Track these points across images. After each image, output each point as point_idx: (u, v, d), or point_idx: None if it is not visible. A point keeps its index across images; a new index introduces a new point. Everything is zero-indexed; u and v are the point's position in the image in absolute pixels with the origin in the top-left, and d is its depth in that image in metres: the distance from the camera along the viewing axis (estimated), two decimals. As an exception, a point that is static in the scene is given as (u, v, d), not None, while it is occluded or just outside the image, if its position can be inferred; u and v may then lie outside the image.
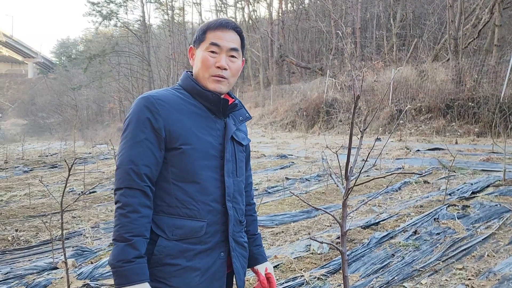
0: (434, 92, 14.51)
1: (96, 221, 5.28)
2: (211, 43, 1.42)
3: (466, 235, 3.97)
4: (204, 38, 1.44)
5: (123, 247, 1.24)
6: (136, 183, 1.29)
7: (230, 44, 1.44)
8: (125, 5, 34.46)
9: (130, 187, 1.28)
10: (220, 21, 1.45)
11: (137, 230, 1.26)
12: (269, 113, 23.74)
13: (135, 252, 1.25)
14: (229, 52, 1.44)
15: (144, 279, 1.25)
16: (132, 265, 1.24)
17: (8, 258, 4.01)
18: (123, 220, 1.26)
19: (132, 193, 1.28)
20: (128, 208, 1.27)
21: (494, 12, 14.05)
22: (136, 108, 1.35)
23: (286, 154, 11.48)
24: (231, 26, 1.45)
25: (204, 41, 1.44)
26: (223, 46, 1.42)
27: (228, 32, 1.44)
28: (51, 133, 38.38)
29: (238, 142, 1.51)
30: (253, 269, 1.64)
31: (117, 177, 1.32)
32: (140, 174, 1.29)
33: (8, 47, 62.00)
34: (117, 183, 1.31)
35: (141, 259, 1.26)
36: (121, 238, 1.25)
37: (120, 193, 1.29)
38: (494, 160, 8.26)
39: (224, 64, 1.42)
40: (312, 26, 29.35)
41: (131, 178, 1.29)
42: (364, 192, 6.31)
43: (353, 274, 3.27)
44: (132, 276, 1.23)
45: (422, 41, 20.44)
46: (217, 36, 1.43)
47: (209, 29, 1.44)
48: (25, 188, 7.55)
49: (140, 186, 1.29)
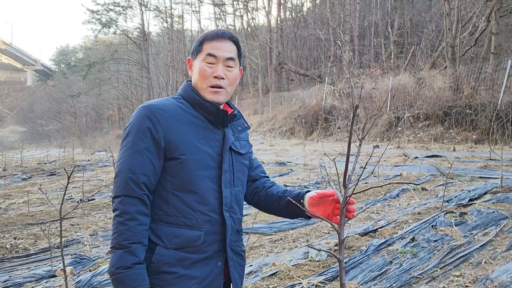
0: (432, 99, 14.58)
1: (95, 229, 5.28)
2: (208, 54, 1.45)
3: (464, 242, 3.98)
4: (201, 49, 1.47)
5: (121, 254, 1.25)
6: (134, 191, 1.30)
7: (227, 53, 1.46)
8: (125, 13, 34.66)
9: (128, 195, 1.30)
10: (216, 31, 1.49)
11: (135, 237, 1.28)
12: (268, 120, 23.78)
13: (134, 259, 1.26)
14: (225, 61, 1.46)
15: (144, 285, 1.26)
16: (131, 271, 1.24)
17: (7, 266, 4.00)
18: (121, 228, 1.28)
19: (130, 201, 1.30)
20: (126, 216, 1.28)
21: (490, 20, 14.18)
22: (137, 117, 1.37)
23: (285, 161, 11.50)
24: (227, 36, 1.48)
25: (201, 52, 1.47)
26: (219, 56, 1.45)
27: (224, 42, 1.47)
28: (49, 140, 38.38)
29: (237, 152, 1.52)
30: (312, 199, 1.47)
31: (116, 185, 1.33)
32: (138, 182, 1.31)
33: (7, 54, 62.13)
34: (116, 191, 1.32)
35: (140, 265, 1.27)
36: (119, 245, 1.26)
37: (118, 201, 1.31)
38: (491, 167, 8.29)
39: (221, 74, 1.45)
40: (310, 33, 29.56)
41: (129, 186, 1.30)
42: (362, 199, 6.32)
43: (351, 281, 3.28)
44: (132, 282, 1.24)
45: (419, 48, 20.60)
46: (213, 46, 1.46)
47: (206, 40, 1.47)
48: (24, 196, 7.54)
49: (138, 194, 1.31)
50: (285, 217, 1.61)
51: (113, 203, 1.33)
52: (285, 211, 1.56)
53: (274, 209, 1.60)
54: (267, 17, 31.25)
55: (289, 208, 1.53)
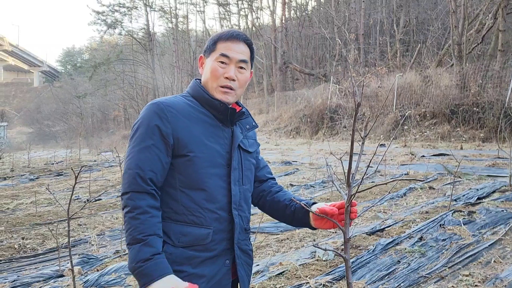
0: (439, 97, 14.49)
1: (102, 229, 5.30)
2: (221, 54, 1.45)
3: (472, 241, 3.94)
4: (215, 48, 1.47)
5: (139, 248, 1.24)
6: (142, 186, 1.30)
7: (240, 55, 1.46)
8: (130, 14, 34.83)
9: (137, 191, 1.29)
10: (231, 32, 1.48)
11: (150, 229, 1.27)
12: (273, 120, 23.77)
13: (152, 250, 1.24)
14: (238, 63, 1.46)
15: (167, 272, 1.24)
16: (151, 262, 1.23)
17: (15, 266, 4.03)
18: (134, 223, 1.26)
19: (139, 196, 1.29)
20: (137, 210, 1.27)
21: (497, 17, 14.06)
22: (146, 114, 1.37)
23: (291, 160, 11.48)
24: (241, 38, 1.48)
25: (215, 51, 1.47)
26: (232, 57, 1.45)
27: (239, 44, 1.47)
28: (56, 141, 38.59)
29: (245, 150, 1.52)
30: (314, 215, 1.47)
31: (124, 181, 1.33)
32: (145, 178, 1.31)
33: (14, 56, 62.65)
34: (124, 188, 1.32)
35: (159, 255, 1.25)
36: (135, 240, 1.25)
37: (127, 197, 1.30)
38: (499, 166, 8.21)
39: (233, 75, 1.44)
40: (315, 32, 29.46)
41: (137, 182, 1.30)
42: (369, 199, 6.29)
43: (358, 281, 3.26)
44: (155, 272, 1.23)
45: (425, 46, 20.47)
46: (227, 47, 1.45)
47: (220, 40, 1.47)
48: (31, 196, 7.59)
49: (147, 190, 1.30)
50: (289, 224, 1.62)
51: (122, 200, 1.32)
52: (290, 220, 1.57)
53: (279, 216, 1.60)
54: (272, 17, 31.26)
55: (295, 218, 1.54)
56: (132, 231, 1.26)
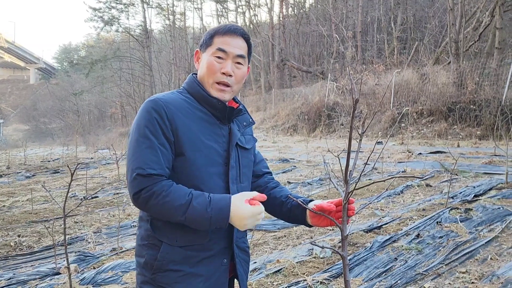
0: (436, 95, 14.50)
1: (99, 226, 5.29)
2: (218, 49, 1.41)
3: (469, 239, 3.96)
4: (212, 42, 1.43)
5: (193, 207, 1.25)
6: (150, 181, 1.26)
7: (237, 50, 1.42)
8: (127, 11, 34.61)
9: (145, 187, 1.25)
10: (229, 26, 1.44)
11: (184, 189, 1.27)
12: (270, 117, 23.75)
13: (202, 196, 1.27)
14: (235, 58, 1.43)
15: (229, 198, 1.29)
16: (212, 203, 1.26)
17: (11, 263, 4.01)
18: (168, 199, 1.24)
19: (151, 187, 1.26)
20: (160, 194, 1.25)
21: (494, 15, 14.07)
22: (145, 111, 1.33)
23: (288, 158, 11.47)
24: (239, 32, 1.44)
25: (211, 46, 1.43)
26: (229, 52, 1.41)
27: (236, 39, 1.43)
28: (53, 139, 38.48)
29: (243, 147, 1.50)
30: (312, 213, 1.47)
31: (129, 183, 1.29)
32: (151, 174, 1.27)
33: (10, 53, 62.26)
34: (133, 189, 1.27)
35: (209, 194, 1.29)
36: (184, 206, 1.25)
37: (141, 197, 1.26)
38: (496, 163, 8.23)
39: (230, 71, 1.41)
40: (313, 30, 29.42)
41: (144, 180, 1.26)
42: (366, 196, 6.29)
43: (356, 278, 3.26)
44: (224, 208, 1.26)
45: (423, 44, 20.49)
46: (224, 41, 1.41)
47: (217, 34, 1.43)
48: (28, 194, 7.56)
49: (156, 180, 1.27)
50: (285, 221, 1.61)
51: (137, 201, 1.27)
52: (286, 216, 1.56)
53: (276, 213, 1.59)
54: (269, 14, 31.18)
55: (291, 215, 1.53)
56: (176, 208, 1.25)
